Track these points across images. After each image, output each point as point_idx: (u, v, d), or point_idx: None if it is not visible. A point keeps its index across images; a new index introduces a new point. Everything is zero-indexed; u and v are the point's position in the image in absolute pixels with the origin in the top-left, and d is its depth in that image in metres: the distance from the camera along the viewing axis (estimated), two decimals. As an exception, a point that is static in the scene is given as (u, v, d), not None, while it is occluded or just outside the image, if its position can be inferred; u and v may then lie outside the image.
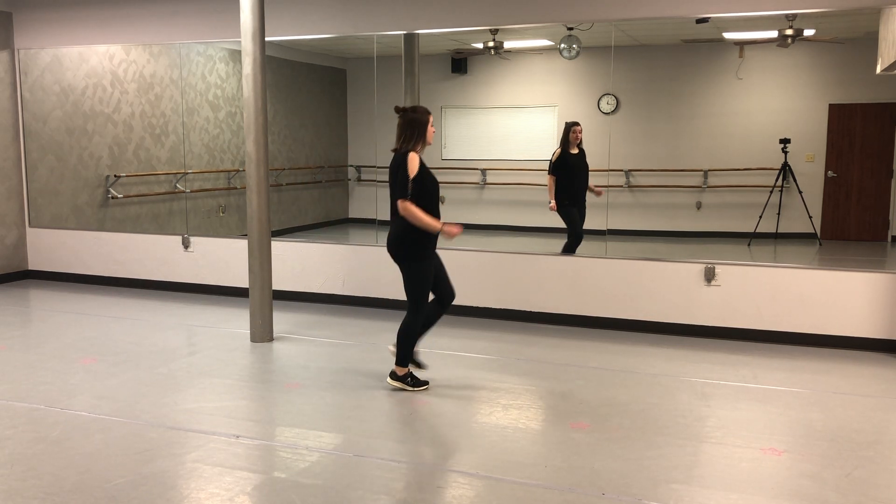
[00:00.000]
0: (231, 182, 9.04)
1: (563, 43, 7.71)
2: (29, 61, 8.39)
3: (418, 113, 4.65)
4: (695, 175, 9.60)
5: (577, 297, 6.59)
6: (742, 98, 9.36)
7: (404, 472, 3.71)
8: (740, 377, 5.20)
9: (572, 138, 7.29)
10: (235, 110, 8.98)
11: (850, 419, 4.42)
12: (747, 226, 9.21)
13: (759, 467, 3.76)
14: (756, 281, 6.09)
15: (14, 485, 3.52)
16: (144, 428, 4.21)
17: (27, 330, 6.47)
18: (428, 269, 4.69)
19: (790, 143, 8.96)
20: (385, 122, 9.05)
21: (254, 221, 5.95)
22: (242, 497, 3.43)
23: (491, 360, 5.59)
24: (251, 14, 5.77)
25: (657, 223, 9.65)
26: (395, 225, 4.65)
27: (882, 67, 6.59)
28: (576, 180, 7.30)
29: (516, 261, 6.77)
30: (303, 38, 7.31)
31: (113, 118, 8.39)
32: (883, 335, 5.83)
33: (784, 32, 6.79)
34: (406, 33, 7.30)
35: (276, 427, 4.29)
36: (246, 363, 5.51)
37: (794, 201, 9.08)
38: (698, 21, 6.49)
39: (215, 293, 7.80)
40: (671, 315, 6.33)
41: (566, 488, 3.52)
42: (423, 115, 4.65)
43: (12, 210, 8.48)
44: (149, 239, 8.12)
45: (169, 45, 8.09)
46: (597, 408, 4.58)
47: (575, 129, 7.30)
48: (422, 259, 4.65)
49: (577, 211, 7.30)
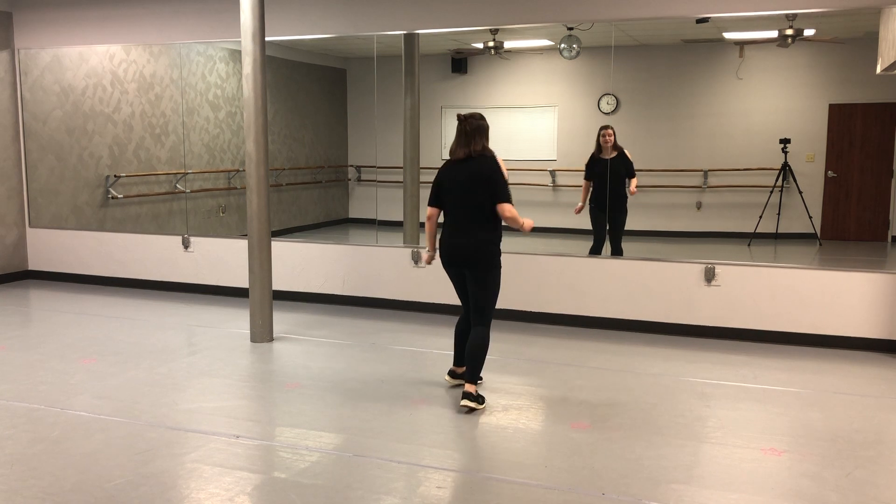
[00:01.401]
0: (231, 182, 9.03)
1: (563, 43, 7.71)
2: (29, 61, 8.39)
3: (484, 120, 4.57)
4: (695, 175, 9.59)
5: (577, 297, 6.59)
6: (742, 98, 9.36)
7: (404, 472, 3.71)
8: (740, 377, 5.20)
9: (602, 143, 7.19)
10: (235, 110, 8.97)
11: (850, 419, 4.42)
12: (747, 226, 9.21)
13: (759, 467, 3.76)
14: (756, 281, 6.08)
15: (14, 485, 3.52)
16: (144, 428, 4.21)
17: (27, 330, 6.47)
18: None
19: (790, 143, 8.95)
20: (385, 123, 9.07)
21: (254, 221, 5.95)
22: (242, 497, 3.43)
23: (491, 359, 5.58)
24: (251, 14, 5.77)
25: (657, 223, 9.65)
26: (482, 230, 4.51)
27: (882, 67, 6.59)
28: (601, 185, 7.16)
29: (517, 261, 6.77)
30: (303, 38, 7.31)
31: (113, 118, 8.39)
32: (883, 335, 5.83)
33: (784, 32, 6.79)
34: (406, 33, 7.30)
35: (276, 427, 4.29)
36: (246, 363, 5.51)
37: (794, 201, 9.08)
38: (698, 21, 6.49)
39: (215, 293, 7.80)
40: (671, 315, 6.33)
41: (566, 488, 3.52)
42: (486, 122, 4.59)
43: (12, 210, 8.48)
44: (149, 239, 8.12)
45: (169, 45, 8.09)
46: (597, 408, 4.58)
47: (602, 132, 7.17)
48: (500, 265, 4.63)
49: (603, 215, 7.15)
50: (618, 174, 7.17)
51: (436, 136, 10.18)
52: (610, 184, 7.14)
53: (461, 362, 4.86)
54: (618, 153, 7.19)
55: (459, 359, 4.87)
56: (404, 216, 7.79)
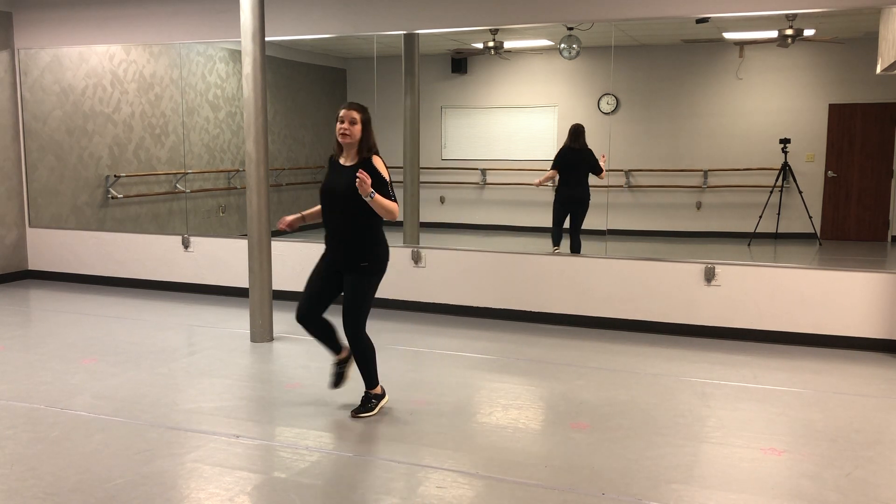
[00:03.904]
0: (231, 182, 9.03)
1: (563, 43, 7.71)
2: (29, 61, 8.39)
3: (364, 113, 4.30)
4: (695, 175, 9.60)
5: (577, 297, 6.59)
6: (742, 98, 9.36)
7: (404, 472, 3.71)
8: (740, 377, 5.20)
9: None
10: (235, 110, 8.97)
11: (850, 419, 4.42)
12: (747, 226, 9.21)
13: (759, 467, 3.76)
14: (756, 281, 6.08)
15: (14, 485, 3.52)
16: (144, 428, 4.21)
17: (27, 330, 6.47)
18: None
19: (790, 143, 8.96)
20: (385, 123, 9.05)
21: (254, 221, 5.95)
22: (242, 497, 3.43)
23: (491, 360, 5.58)
24: (251, 14, 5.77)
25: (657, 223, 9.65)
26: (365, 233, 4.29)
27: (882, 67, 6.59)
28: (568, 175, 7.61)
29: (516, 261, 6.77)
30: (303, 38, 7.32)
31: (113, 118, 8.39)
32: (883, 335, 5.83)
33: (784, 32, 6.79)
34: (406, 33, 7.30)
35: (276, 427, 4.29)
36: (246, 363, 5.51)
37: (794, 201, 9.08)
38: (698, 21, 6.49)
39: (215, 293, 7.80)
40: (671, 315, 6.33)
41: (566, 488, 3.52)
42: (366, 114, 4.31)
43: (12, 210, 8.48)
44: (149, 239, 8.12)
45: (169, 45, 8.09)
46: (597, 408, 4.58)
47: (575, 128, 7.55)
48: (382, 271, 4.37)
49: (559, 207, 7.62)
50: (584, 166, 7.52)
51: (436, 136, 10.18)
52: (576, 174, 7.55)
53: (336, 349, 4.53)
54: (584, 148, 7.56)
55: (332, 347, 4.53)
56: (404, 216, 7.78)
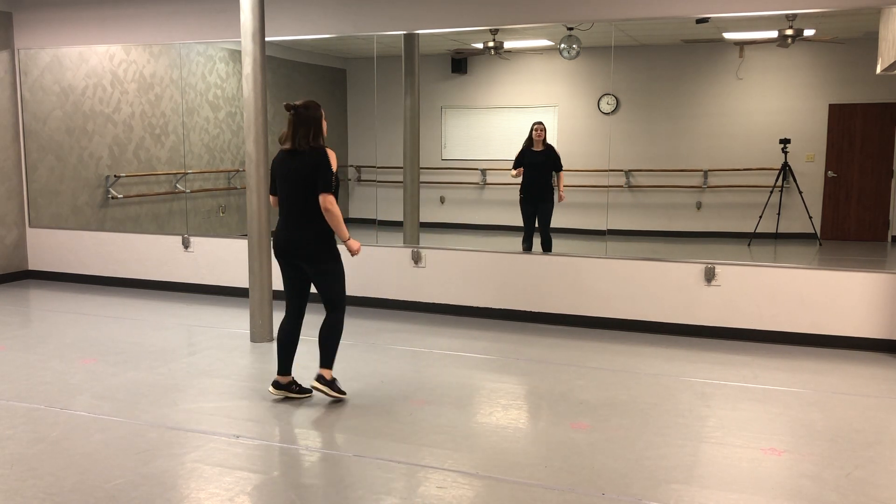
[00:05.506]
0: (231, 182, 9.03)
1: (563, 43, 7.71)
2: (29, 61, 8.39)
3: (317, 110, 4.47)
4: (695, 175, 9.60)
5: (577, 297, 6.59)
6: (742, 98, 9.36)
7: (404, 472, 3.71)
8: (740, 377, 5.20)
9: (535, 137, 7.68)
10: (235, 110, 8.97)
11: (850, 419, 4.42)
12: (747, 226, 9.21)
13: (759, 467, 3.76)
14: (756, 281, 6.09)
15: (14, 485, 3.52)
16: (144, 428, 4.21)
17: (27, 330, 6.47)
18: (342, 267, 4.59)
19: (790, 143, 8.96)
20: (385, 123, 9.06)
21: (254, 221, 5.95)
22: (242, 497, 3.43)
23: (491, 360, 5.59)
24: (251, 14, 5.77)
25: (657, 223, 9.65)
26: (312, 223, 4.43)
27: (882, 67, 6.59)
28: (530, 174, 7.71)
29: (516, 261, 6.77)
30: (303, 38, 7.31)
31: (113, 118, 8.39)
32: (883, 335, 5.83)
33: (784, 32, 6.79)
34: (406, 33, 7.30)
35: (276, 427, 4.29)
36: (246, 363, 5.51)
37: (794, 201, 9.08)
38: (698, 21, 6.49)
39: (215, 293, 7.80)
40: (671, 315, 6.33)
41: (566, 488, 3.52)
42: (320, 111, 4.48)
43: (12, 210, 8.48)
44: (149, 239, 8.12)
45: (169, 45, 8.09)
46: (597, 408, 4.58)
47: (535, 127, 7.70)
48: (338, 257, 4.55)
49: (530, 207, 7.69)
50: (545, 166, 7.69)
51: (436, 136, 10.18)
52: (538, 174, 7.68)
53: (286, 370, 4.68)
54: (546, 148, 7.72)
55: (284, 367, 4.66)
56: (404, 216, 7.79)
